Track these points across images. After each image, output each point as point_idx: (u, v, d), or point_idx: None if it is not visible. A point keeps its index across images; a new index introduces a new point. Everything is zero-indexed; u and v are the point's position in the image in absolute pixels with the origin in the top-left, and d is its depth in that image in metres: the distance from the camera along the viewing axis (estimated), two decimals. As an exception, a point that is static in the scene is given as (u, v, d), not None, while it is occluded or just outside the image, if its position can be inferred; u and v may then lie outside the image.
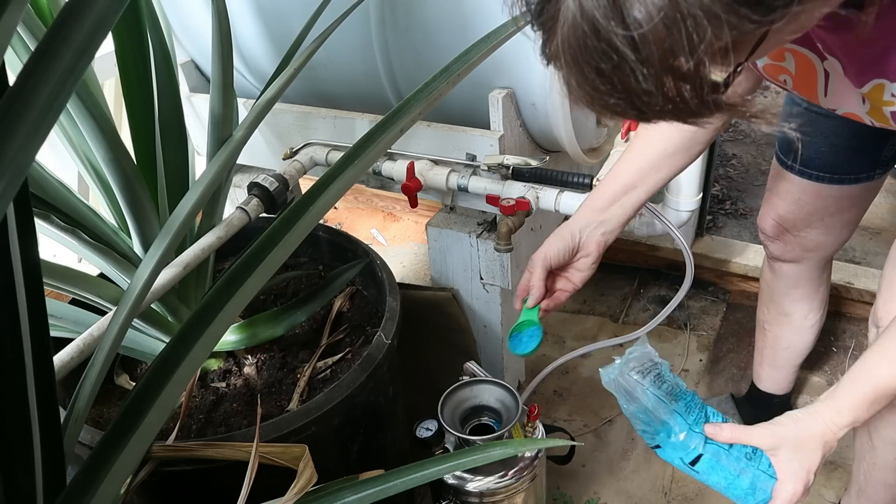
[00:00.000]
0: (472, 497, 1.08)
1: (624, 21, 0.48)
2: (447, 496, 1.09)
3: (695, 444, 0.85)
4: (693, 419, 0.86)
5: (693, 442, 0.85)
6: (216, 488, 0.85)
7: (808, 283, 1.32)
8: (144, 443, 0.64)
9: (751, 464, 0.84)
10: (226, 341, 1.14)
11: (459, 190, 1.22)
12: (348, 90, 1.33)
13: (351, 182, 0.72)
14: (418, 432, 1.09)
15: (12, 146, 0.41)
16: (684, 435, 0.85)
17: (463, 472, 1.08)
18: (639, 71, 0.50)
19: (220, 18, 0.94)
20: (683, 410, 0.86)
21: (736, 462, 0.84)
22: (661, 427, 0.86)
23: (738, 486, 0.84)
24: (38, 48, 0.42)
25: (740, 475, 0.84)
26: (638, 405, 0.86)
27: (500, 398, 1.12)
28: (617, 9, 0.48)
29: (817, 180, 1.15)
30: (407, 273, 2.12)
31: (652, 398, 0.86)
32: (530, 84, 1.14)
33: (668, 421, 0.86)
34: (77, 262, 1.39)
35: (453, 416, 1.09)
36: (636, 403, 0.86)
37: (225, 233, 1.01)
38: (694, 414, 0.87)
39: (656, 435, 0.87)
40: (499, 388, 1.12)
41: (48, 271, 0.88)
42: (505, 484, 1.08)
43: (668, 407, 0.86)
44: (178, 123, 1.03)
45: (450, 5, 1.10)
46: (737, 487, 0.84)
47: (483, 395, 1.11)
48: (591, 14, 0.49)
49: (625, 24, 0.48)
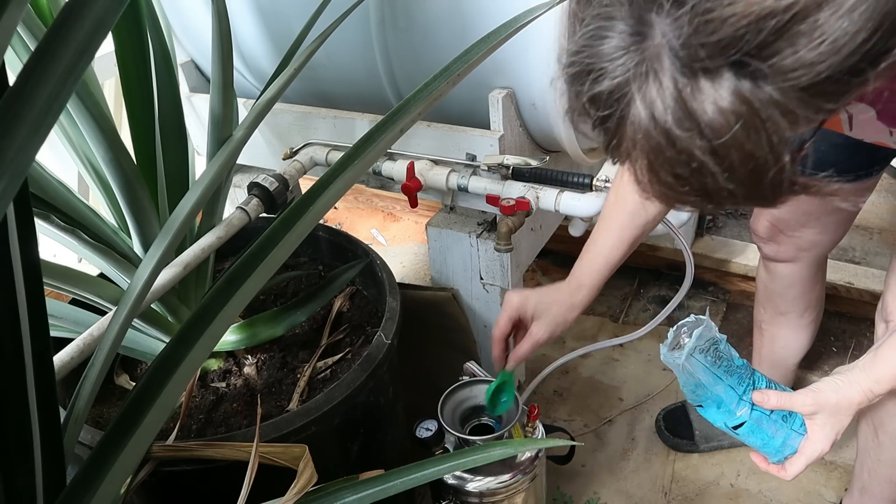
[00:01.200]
0: (472, 497, 1.08)
1: (701, 131, 0.47)
2: (447, 496, 1.09)
3: (742, 412, 0.90)
4: (743, 390, 0.90)
5: (740, 410, 0.90)
6: (216, 488, 0.85)
7: (803, 282, 1.32)
8: (144, 443, 0.64)
9: (785, 425, 0.90)
10: (226, 341, 1.14)
11: (459, 190, 1.22)
12: (348, 90, 1.33)
13: (351, 182, 0.72)
14: (418, 432, 1.09)
15: (12, 146, 0.41)
16: (734, 404, 0.90)
17: (463, 472, 1.08)
18: (719, 175, 0.50)
19: (220, 18, 0.94)
20: (736, 383, 0.90)
21: (773, 424, 0.90)
22: (712, 397, 0.90)
23: (772, 444, 0.90)
24: (38, 48, 0.42)
25: (775, 435, 0.90)
26: (695, 380, 0.89)
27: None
28: (689, 114, 0.47)
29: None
30: (407, 273, 2.12)
31: (711, 376, 0.89)
32: (530, 84, 1.14)
33: (721, 394, 0.90)
34: (77, 262, 1.39)
35: (453, 416, 1.09)
36: (693, 379, 0.89)
37: (225, 233, 1.01)
38: (744, 384, 0.91)
39: (705, 401, 0.91)
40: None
41: (48, 271, 0.88)
42: (505, 484, 1.08)
43: (724, 383, 0.90)
44: (178, 123, 1.03)
45: (450, 5, 1.10)
46: (770, 446, 0.91)
47: (483, 395, 1.11)
48: (665, 123, 0.48)
49: (702, 135, 0.47)
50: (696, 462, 1.52)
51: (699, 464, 1.51)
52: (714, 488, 1.46)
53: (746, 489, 1.45)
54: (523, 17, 0.83)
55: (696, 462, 1.52)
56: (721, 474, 1.49)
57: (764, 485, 1.46)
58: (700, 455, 1.53)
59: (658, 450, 1.55)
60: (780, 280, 1.32)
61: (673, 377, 1.71)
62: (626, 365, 1.75)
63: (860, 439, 1.16)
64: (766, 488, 1.45)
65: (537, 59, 1.09)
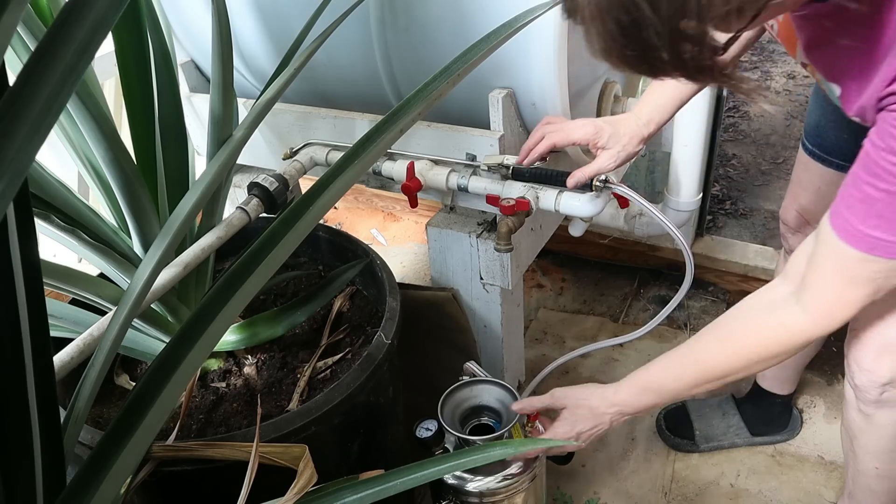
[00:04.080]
0: (472, 497, 1.08)
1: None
2: (447, 496, 1.10)
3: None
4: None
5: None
6: (216, 488, 0.85)
7: None
8: (144, 443, 0.64)
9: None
10: (226, 341, 1.14)
11: (459, 190, 1.22)
12: (348, 90, 1.33)
13: (351, 182, 0.72)
14: (418, 432, 1.09)
15: (12, 146, 0.41)
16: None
17: (463, 472, 1.08)
18: (652, 27, 0.57)
19: (220, 18, 0.94)
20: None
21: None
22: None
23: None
24: (38, 48, 0.42)
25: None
26: None
27: (500, 398, 1.12)
28: None
29: (839, 169, 1.15)
30: (407, 273, 2.12)
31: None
32: (530, 84, 1.14)
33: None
34: (77, 262, 1.39)
35: (453, 416, 1.09)
36: None
37: (225, 233, 1.01)
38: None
39: None
40: (499, 389, 1.12)
41: (48, 271, 0.88)
42: (505, 484, 1.08)
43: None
44: (178, 123, 1.03)
45: (450, 5, 1.10)
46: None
47: (483, 395, 1.11)
48: None
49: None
50: (696, 462, 1.52)
51: (699, 464, 1.51)
52: (714, 488, 1.46)
53: (746, 489, 1.45)
54: (523, 17, 0.83)
55: (696, 462, 1.52)
56: (721, 474, 1.49)
57: (764, 485, 1.46)
58: (700, 455, 1.53)
59: (658, 450, 1.55)
60: None
61: (673, 377, 1.71)
62: (626, 365, 1.75)
63: (843, 448, 1.17)
64: (766, 488, 1.45)
65: (537, 59, 1.09)
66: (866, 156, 0.71)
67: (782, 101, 2.95)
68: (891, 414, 1.03)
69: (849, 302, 0.79)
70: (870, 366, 1.01)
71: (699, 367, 0.95)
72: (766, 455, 1.52)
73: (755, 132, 2.76)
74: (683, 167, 1.46)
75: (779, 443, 1.54)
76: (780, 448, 1.53)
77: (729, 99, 2.89)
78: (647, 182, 2.03)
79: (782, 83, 3.10)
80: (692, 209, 1.53)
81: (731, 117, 2.86)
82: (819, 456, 1.51)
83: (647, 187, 2.03)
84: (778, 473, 1.48)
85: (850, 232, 0.74)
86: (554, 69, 1.09)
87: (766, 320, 0.89)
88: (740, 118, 2.86)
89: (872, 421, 1.05)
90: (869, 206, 0.71)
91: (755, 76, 3.17)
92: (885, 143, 0.68)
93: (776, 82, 3.11)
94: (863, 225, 0.72)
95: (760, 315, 0.90)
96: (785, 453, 1.52)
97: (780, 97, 2.98)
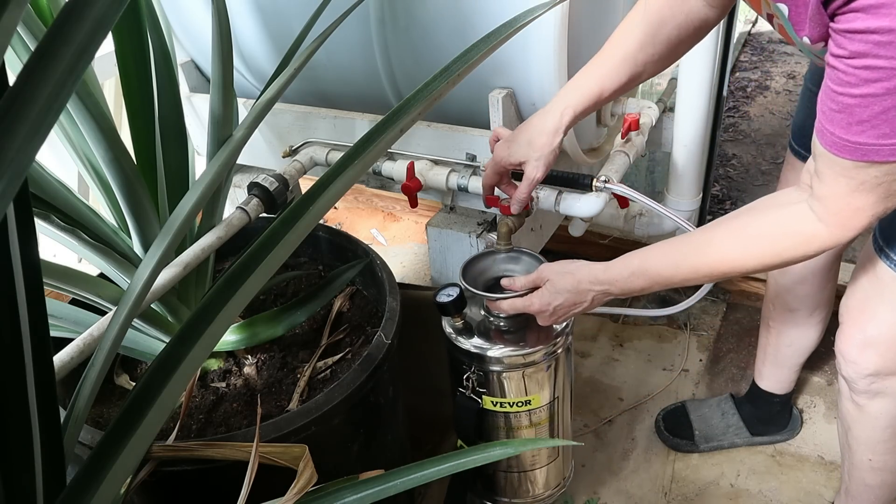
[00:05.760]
0: (494, 364, 1.07)
1: None
2: (469, 365, 1.09)
3: None
4: None
5: None
6: (216, 488, 0.85)
7: (815, 280, 1.31)
8: (144, 443, 0.64)
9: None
10: (226, 341, 1.14)
11: (459, 190, 1.22)
12: (348, 90, 1.33)
13: (351, 182, 0.72)
14: (439, 297, 1.07)
15: (12, 146, 0.41)
16: None
17: (483, 342, 1.08)
18: None
19: (220, 18, 0.94)
20: None
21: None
22: None
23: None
24: (38, 48, 0.42)
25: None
26: None
27: (528, 268, 1.10)
28: None
29: None
30: (407, 273, 2.12)
31: None
32: (530, 84, 1.14)
33: None
34: (77, 262, 1.39)
35: (475, 284, 1.08)
36: None
37: (225, 233, 1.01)
38: None
39: None
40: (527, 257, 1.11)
41: (48, 271, 0.88)
42: (524, 352, 1.07)
43: None
44: (178, 123, 1.03)
45: (449, 5, 1.10)
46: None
47: (502, 263, 1.10)
48: None
49: None
50: (696, 462, 1.52)
51: (699, 464, 1.51)
52: (714, 488, 1.46)
53: (746, 489, 1.45)
54: (523, 17, 0.83)
55: (696, 462, 1.52)
56: (721, 474, 1.49)
57: (764, 485, 1.46)
58: (700, 455, 1.53)
59: (658, 450, 1.55)
60: (791, 276, 1.32)
61: (673, 377, 1.71)
62: (626, 365, 1.75)
63: (840, 443, 1.17)
64: (766, 488, 1.45)
65: (537, 59, 1.09)
66: (832, 70, 0.72)
67: (782, 101, 2.95)
68: (883, 404, 1.05)
69: (860, 209, 0.77)
70: (855, 358, 1.03)
71: (703, 258, 0.90)
72: (765, 455, 1.52)
73: (755, 132, 2.76)
74: (683, 167, 1.46)
75: (779, 443, 1.54)
76: (780, 448, 1.53)
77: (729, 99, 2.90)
78: (647, 182, 2.03)
79: (782, 83, 3.10)
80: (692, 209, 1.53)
81: (731, 117, 2.86)
82: (819, 456, 1.51)
83: (647, 187, 2.03)
84: (778, 473, 1.48)
85: (837, 144, 0.74)
86: (554, 69, 1.09)
87: (784, 222, 0.85)
88: (740, 118, 2.86)
89: (865, 411, 1.06)
90: (849, 115, 0.71)
91: (755, 76, 3.17)
92: (844, 49, 0.69)
93: (776, 82, 3.11)
94: (847, 134, 0.72)
95: (778, 215, 0.86)
96: (785, 453, 1.52)
97: (780, 97, 2.99)
